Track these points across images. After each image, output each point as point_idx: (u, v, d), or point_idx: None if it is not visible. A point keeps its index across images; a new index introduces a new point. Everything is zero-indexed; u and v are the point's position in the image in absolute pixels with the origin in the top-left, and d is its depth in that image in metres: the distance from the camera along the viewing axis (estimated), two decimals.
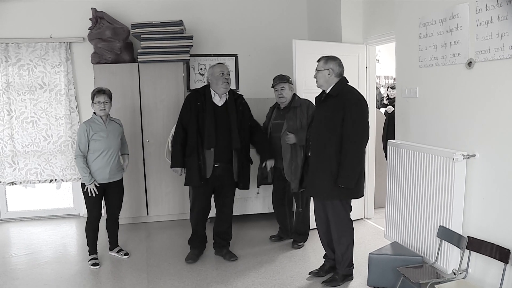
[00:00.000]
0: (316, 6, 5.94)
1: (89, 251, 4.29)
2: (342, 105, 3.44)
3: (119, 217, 4.48)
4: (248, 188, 4.38)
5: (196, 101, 4.12)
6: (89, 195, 4.06)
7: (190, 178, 4.15)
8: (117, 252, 4.46)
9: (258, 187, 4.87)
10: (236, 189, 4.36)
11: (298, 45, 4.80)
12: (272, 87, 4.53)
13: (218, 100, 4.17)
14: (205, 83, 4.32)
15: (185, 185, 4.26)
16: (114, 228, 4.48)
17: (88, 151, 4.05)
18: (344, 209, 3.64)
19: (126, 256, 4.41)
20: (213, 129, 4.06)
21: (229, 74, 4.20)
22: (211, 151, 4.10)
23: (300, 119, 4.36)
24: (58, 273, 4.11)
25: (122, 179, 4.36)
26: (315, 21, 5.99)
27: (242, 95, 4.41)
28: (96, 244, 4.30)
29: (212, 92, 4.17)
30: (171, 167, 4.24)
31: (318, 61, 3.67)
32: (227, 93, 4.22)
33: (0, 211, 5.79)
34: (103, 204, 4.32)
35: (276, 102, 4.59)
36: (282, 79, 4.46)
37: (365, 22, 5.21)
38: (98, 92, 4.10)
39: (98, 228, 4.26)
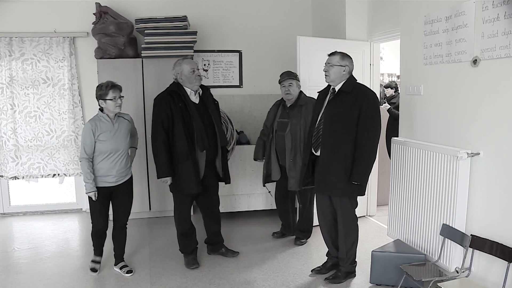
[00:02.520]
0: (320, 3, 5.92)
1: (94, 250, 3.99)
2: (359, 102, 3.43)
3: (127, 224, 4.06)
4: (230, 182, 4.27)
5: (176, 102, 3.81)
6: (93, 199, 3.69)
7: (187, 185, 3.87)
8: (121, 268, 3.99)
9: (264, 185, 4.73)
10: (232, 186, 4.30)
11: (302, 42, 4.79)
12: (279, 83, 4.47)
13: (194, 97, 3.95)
14: (174, 81, 3.99)
15: (177, 192, 3.99)
16: (121, 239, 4.03)
17: (93, 152, 3.67)
18: (351, 205, 3.65)
19: (129, 274, 3.93)
20: (203, 130, 3.87)
21: (199, 69, 3.95)
22: (203, 152, 3.92)
23: (304, 118, 4.30)
24: (60, 267, 4.13)
25: (131, 178, 3.98)
26: (320, 17, 5.97)
27: (209, 88, 4.22)
28: (103, 246, 3.98)
29: (188, 90, 3.91)
30: (158, 178, 3.92)
31: (331, 55, 3.60)
32: (199, 88, 4.00)
33: (3, 206, 5.81)
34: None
35: (281, 99, 4.55)
36: (290, 75, 4.40)
37: (370, 19, 5.19)
38: (113, 86, 3.67)
39: (105, 235, 3.92)
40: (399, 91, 6.22)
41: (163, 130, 3.83)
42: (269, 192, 4.93)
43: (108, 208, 3.88)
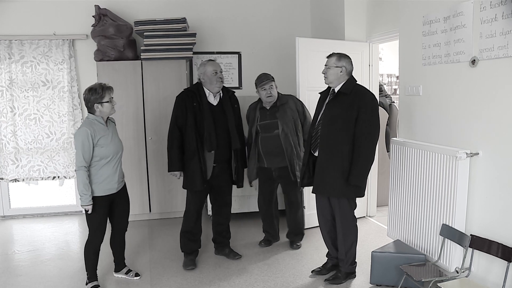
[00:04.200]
0: (319, 4, 5.93)
1: (88, 277, 3.69)
2: (357, 104, 3.43)
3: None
4: (243, 186, 4.31)
5: (192, 101, 3.95)
6: (89, 213, 3.46)
7: (193, 182, 3.99)
8: (126, 273, 3.93)
9: (250, 185, 4.60)
10: (235, 187, 4.32)
11: (301, 43, 4.79)
12: (257, 86, 4.33)
13: (213, 99, 4.03)
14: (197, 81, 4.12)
15: (185, 188, 4.10)
16: (121, 246, 3.93)
17: (92, 159, 3.44)
18: (350, 207, 3.65)
19: (137, 277, 3.91)
20: (213, 131, 3.93)
21: (221, 72, 4.05)
22: (212, 153, 3.99)
23: (291, 115, 4.29)
24: (61, 269, 4.13)
25: (125, 184, 3.85)
26: (318, 18, 5.98)
27: (234, 91, 4.28)
28: (96, 269, 3.72)
29: (207, 91, 4.01)
30: (168, 171, 4.08)
31: (328, 57, 3.62)
32: (221, 91, 4.09)
33: (3, 208, 5.81)
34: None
35: (257, 101, 4.46)
36: (269, 78, 4.30)
37: (369, 19, 5.20)
38: (108, 88, 3.50)
39: (100, 249, 3.67)
40: (385, 93, 6.24)
41: (177, 127, 4.01)
42: (253, 186, 4.81)
43: (107, 217, 3.69)
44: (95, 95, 3.44)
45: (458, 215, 3.30)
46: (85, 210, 3.47)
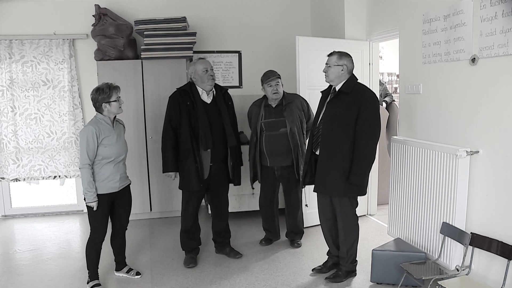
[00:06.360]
0: (319, 2, 5.93)
1: (89, 276, 3.70)
2: (357, 103, 3.43)
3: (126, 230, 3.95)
4: (240, 184, 4.30)
5: (185, 100, 3.93)
6: (94, 210, 3.49)
7: (189, 182, 3.97)
8: (127, 272, 3.94)
9: (252, 187, 4.64)
10: (234, 186, 4.31)
11: (301, 42, 4.79)
12: (264, 82, 4.31)
13: (206, 97, 4.02)
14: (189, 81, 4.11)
15: (181, 189, 4.09)
16: (122, 245, 3.94)
17: (95, 157, 3.48)
18: (351, 205, 3.65)
19: (138, 276, 3.92)
20: (208, 129, 3.92)
21: (212, 69, 4.03)
22: (208, 151, 3.98)
23: (297, 114, 4.31)
24: (62, 268, 4.14)
25: (129, 184, 3.84)
26: (319, 17, 5.98)
27: (227, 88, 4.28)
28: (98, 267, 3.73)
29: (199, 90, 4.01)
30: (163, 172, 4.07)
31: (329, 55, 3.62)
32: (214, 89, 4.08)
33: (4, 208, 5.82)
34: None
35: (261, 98, 4.44)
36: (275, 75, 4.29)
37: (369, 18, 5.20)
38: (115, 87, 3.53)
39: (101, 247, 3.68)
40: (386, 92, 6.24)
41: (171, 127, 3.99)
42: (253, 194, 4.85)
43: (109, 215, 3.70)
44: (102, 95, 3.49)
45: (458, 213, 3.31)
46: (90, 207, 3.50)
